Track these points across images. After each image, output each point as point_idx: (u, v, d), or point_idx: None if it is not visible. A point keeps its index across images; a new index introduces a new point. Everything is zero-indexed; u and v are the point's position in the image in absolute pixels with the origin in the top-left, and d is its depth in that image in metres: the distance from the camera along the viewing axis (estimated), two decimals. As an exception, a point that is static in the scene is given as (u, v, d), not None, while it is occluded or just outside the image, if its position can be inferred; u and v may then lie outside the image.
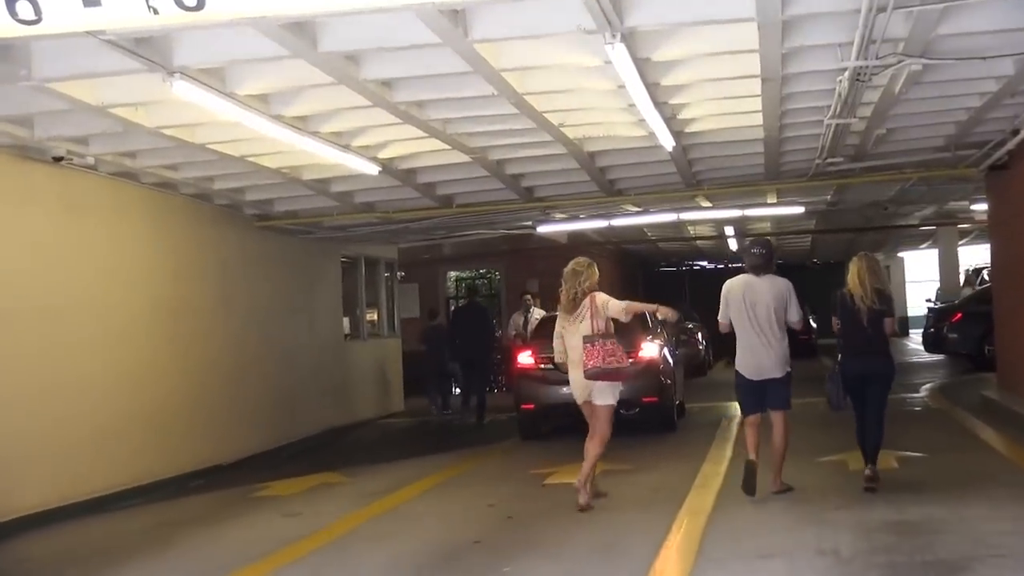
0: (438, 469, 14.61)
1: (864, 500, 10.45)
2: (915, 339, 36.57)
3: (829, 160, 16.07)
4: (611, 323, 11.22)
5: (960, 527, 9.10)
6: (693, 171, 17.18)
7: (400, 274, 25.91)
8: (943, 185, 20.77)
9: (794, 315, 11.13)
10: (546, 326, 17.93)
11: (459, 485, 13.45)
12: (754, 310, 10.96)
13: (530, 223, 22.29)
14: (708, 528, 9.65)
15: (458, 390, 23.30)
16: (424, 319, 24.88)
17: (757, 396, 11.09)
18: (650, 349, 16.54)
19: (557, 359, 11.74)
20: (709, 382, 24.46)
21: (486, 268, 31.86)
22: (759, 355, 10.98)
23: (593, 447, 11.16)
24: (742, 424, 11.69)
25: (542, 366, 16.59)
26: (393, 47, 9.52)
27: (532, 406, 16.77)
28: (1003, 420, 15.55)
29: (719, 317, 11.17)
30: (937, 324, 27.16)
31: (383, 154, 14.25)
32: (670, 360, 17.19)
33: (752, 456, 10.90)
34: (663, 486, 11.85)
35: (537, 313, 21.34)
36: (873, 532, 9.07)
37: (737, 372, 11.17)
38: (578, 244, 30.05)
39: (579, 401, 11.40)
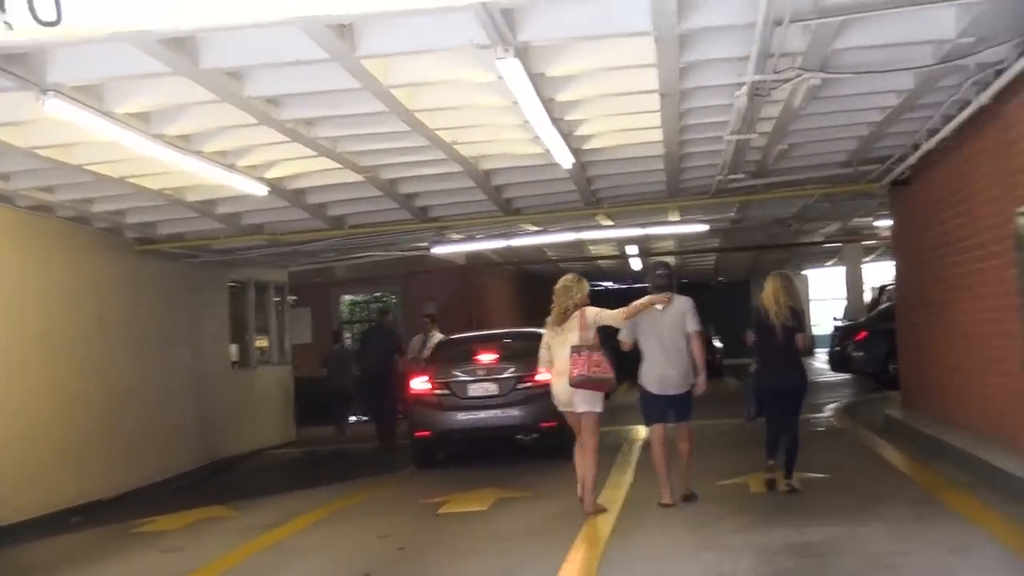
0: (329, 500, 14.57)
1: (764, 523, 10.63)
2: (821, 358, 37.09)
3: (731, 177, 16.32)
4: (598, 336, 11.85)
5: (859, 548, 9.30)
6: (592, 189, 17.35)
7: (291, 298, 25.78)
8: (847, 201, 21.13)
9: (692, 325, 11.92)
10: (444, 350, 18.05)
11: (350, 516, 13.42)
12: (659, 328, 11.84)
13: (425, 244, 22.33)
14: (605, 555, 9.76)
15: (363, 416, 23.33)
16: (327, 343, 24.92)
17: (661, 408, 11.93)
18: (546, 373, 16.59)
19: (541, 369, 12.52)
20: (611, 405, 24.60)
21: (381, 291, 31.80)
22: (664, 370, 11.85)
23: (586, 460, 11.74)
24: (650, 440, 12.33)
25: (438, 392, 16.63)
26: (278, 63, 9.55)
27: (428, 433, 16.79)
28: (906, 439, 15.88)
29: (621, 336, 12.08)
30: (842, 342, 27.65)
31: (271, 174, 14.21)
32: (570, 384, 17.31)
33: (662, 470, 11.91)
34: (561, 513, 11.92)
35: (436, 336, 21.35)
36: (772, 555, 9.24)
37: (641, 387, 12.00)
38: (476, 265, 30.23)
39: (562, 409, 12.02)
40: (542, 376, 16.06)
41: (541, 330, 17.89)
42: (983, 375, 13.44)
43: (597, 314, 11.85)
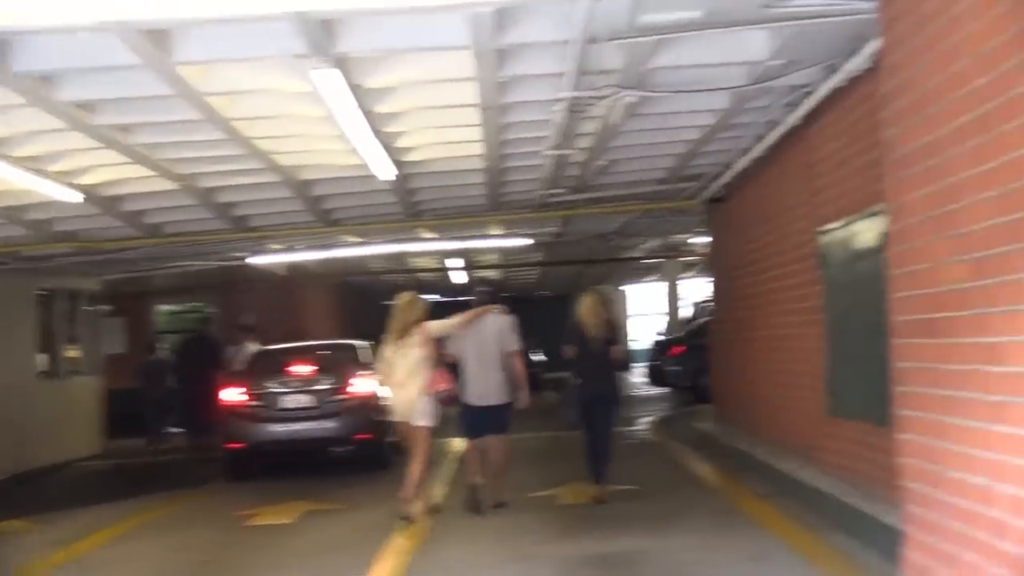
0: (135, 513, 14.41)
1: (571, 534, 10.90)
2: (640, 372, 37.69)
3: (552, 191, 16.64)
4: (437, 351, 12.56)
5: (661, 558, 9.62)
6: (413, 201, 17.47)
7: (104, 308, 25.36)
8: (666, 218, 21.55)
9: (511, 344, 12.81)
10: (259, 361, 17.98)
11: (156, 529, 13.30)
12: (480, 343, 12.65)
13: (244, 254, 22.21)
14: (411, 567, 9.91)
15: (180, 428, 23.07)
16: (143, 353, 24.58)
17: (481, 421, 12.65)
18: (363, 384, 16.75)
19: (380, 381, 12.90)
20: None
21: (200, 301, 31.44)
22: (483, 384, 12.63)
23: (417, 467, 12.27)
24: (467, 451, 13.00)
25: (252, 403, 16.60)
26: (92, 68, 9.49)
27: (240, 445, 16.73)
28: (715, 452, 16.34)
29: (448, 351, 12.77)
30: (660, 357, 28.22)
31: (84, 180, 14.01)
32: (384, 395, 17.36)
33: (478, 479, 12.49)
34: (371, 525, 12.02)
35: (252, 347, 21.21)
36: (577, 566, 9.50)
37: (462, 400, 12.68)
38: (297, 276, 30.04)
39: (399, 419, 12.49)
40: (357, 388, 16.29)
41: (358, 342, 18.18)
42: (786, 390, 13.90)
43: (439, 326, 12.59)
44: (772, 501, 11.92)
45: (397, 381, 12.37)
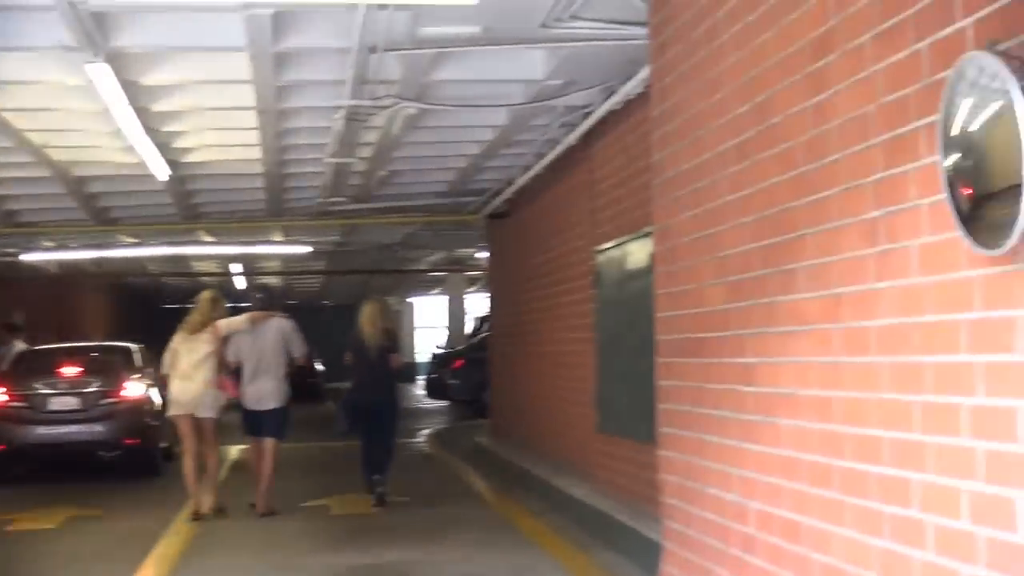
0: None
1: (339, 545, 10.82)
2: (421, 384, 37.72)
3: (333, 199, 16.57)
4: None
5: (430, 570, 9.61)
6: (192, 203, 17.22)
7: None
8: (450, 231, 21.72)
9: (297, 350, 13.04)
10: (26, 361, 17.44)
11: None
12: (260, 347, 12.75)
13: (14, 250, 21.57)
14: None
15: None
16: None
17: (256, 423, 12.80)
18: (134, 388, 16.42)
19: (163, 372, 12.95)
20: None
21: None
22: (260, 387, 12.72)
23: (212, 459, 12.76)
24: (250, 451, 13.26)
25: (15, 404, 16.08)
26: None
27: (3, 447, 16.18)
28: (491, 467, 16.43)
29: (228, 356, 12.81)
30: (440, 370, 28.24)
31: None
32: (157, 400, 17.02)
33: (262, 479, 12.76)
34: (134, 534, 11.73)
35: (19, 346, 20.56)
36: (341, 576, 9.44)
37: (241, 402, 12.82)
38: (71, 274, 29.30)
39: (178, 412, 12.67)
40: (129, 392, 15.94)
41: (130, 344, 17.79)
42: (563, 405, 14.05)
43: (227, 324, 12.79)
44: (544, 517, 12.01)
45: (182, 372, 12.58)
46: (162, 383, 13.59)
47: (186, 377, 12.58)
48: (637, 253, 10.76)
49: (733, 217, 6.38)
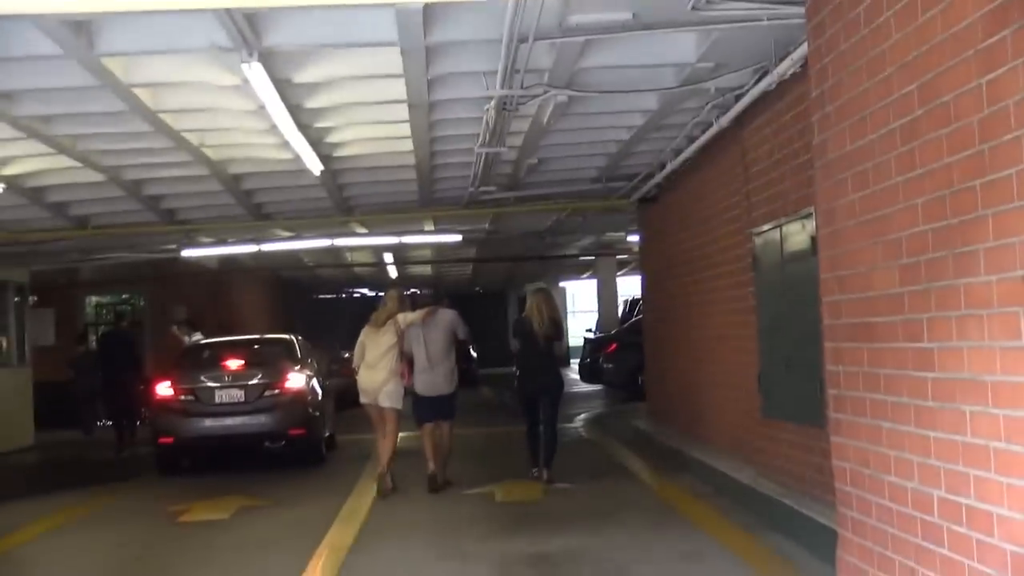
0: (66, 507, 14.10)
1: (505, 532, 10.77)
2: (575, 369, 37.61)
3: (483, 189, 16.51)
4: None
5: (595, 557, 9.52)
6: (344, 196, 17.32)
7: (33, 299, 24.94)
8: (599, 216, 21.57)
9: (462, 333, 14.09)
10: (191, 355, 17.75)
11: (87, 524, 13.03)
12: (431, 338, 13.65)
13: (174, 246, 21.94)
14: (346, 564, 9.73)
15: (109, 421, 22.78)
16: (72, 345, 24.26)
17: (431, 409, 13.68)
18: (297, 379, 16.60)
19: (355, 365, 13.83)
20: (364, 413, 24.62)
21: (129, 293, 31.06)
22: (434, 375, 13.65)
23: (387, 444, 13.43)
24: (424, 437, 13.82)
25: (182, 397, 16.33)
26: (10, 58, 9.22)
27: (171, 439, 16.46)
28: (650, 451, 16.27)
29: (405, 348, 13.64)
30: (593, 354, 28.11)
31: (7, 171, 13.77)
32: (319, 391, 17.22)
33: (432, 466, 13.50)
34: (304, 521, 11.87)
35: (190, 340, 20.96)
36: (512, 565, 9.38)
37: (415, 390, 13.73)
38: (230, 269, 29.79)
39: (366, 401, 13.64)
40: (292, 383, 16.17)
41: (291, 336, 18.03)
42: (723, 390, 13.86)
43: (406, 319, 13.65)
44: (708, 501, 11.87)
45: (368, 363, 13.51)
46: (353, 374, 14.20)
47: (371, 367, 13.46)
48: (797, 235, 10.52)
49: (903, 198, 6.14)
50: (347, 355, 28.32)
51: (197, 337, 20.87)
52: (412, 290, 14.36)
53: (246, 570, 10.03)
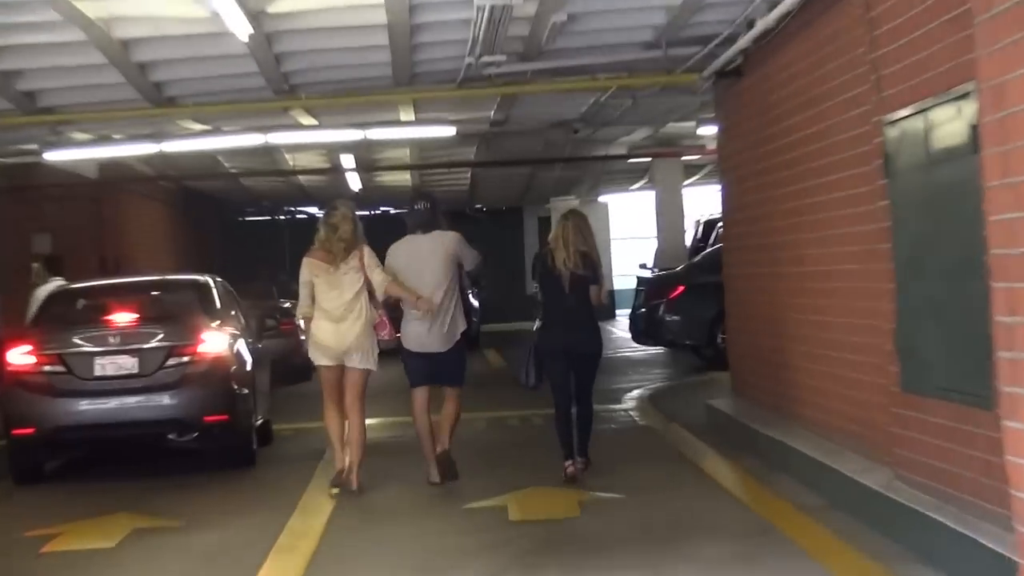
0: None
1: (526, 567, 10.80)
2: (622, 323, 37.65)
3: (487, 59, 16.49)
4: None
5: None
6: (284, 72, 17.30)
7: None
8: (657, 98, 21.52)
9: (469, 262, 14.70)
10: (57, 305, 17.71)
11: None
12: (421, 277, 14.30)
13: (35, 147, 21.98)
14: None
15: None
16: None
17: (425, 370, 14.52)
18: (215, 341, 16.54)
19: (301, 313, 14.60)
20: (312, 389, 24.46)
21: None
22: (424, 326, 14.35)
23: (356, 425, 14.26)
24: (415, 414, 14.64)
25: (47, 368, 16.31)
26: None
27: (31, 430, 16.42)
28: (735, 442, 16.30)
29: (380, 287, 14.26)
30: (650, 302, 27.97)
31: None
32: (247, 358, 17.19)
33: (435, 448, 14.35)
34: (227, 551, 11.98)
35: (49, 285, 20.95)
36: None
37: (401, 345, 14.49)
38: (116, 180, 29.81)
39: (326, 362, 14.34)
40: (208, 347, 16.11)
41: (205, 278, 17.99)
42: (838, 352, 13.85)
43: (371, 265, 14.23)
44: (823, 517, 11.88)
45: (329, 313, 14.13)
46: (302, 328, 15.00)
47: (337, 319, 14.12)
48: (950, 123, 10.48)
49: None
50: (287, 304, 28.62)
51: (56, 283, 20.73)
52: (418, 205, 14.83)
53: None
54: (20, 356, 16.51)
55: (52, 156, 22.59)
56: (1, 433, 17.06)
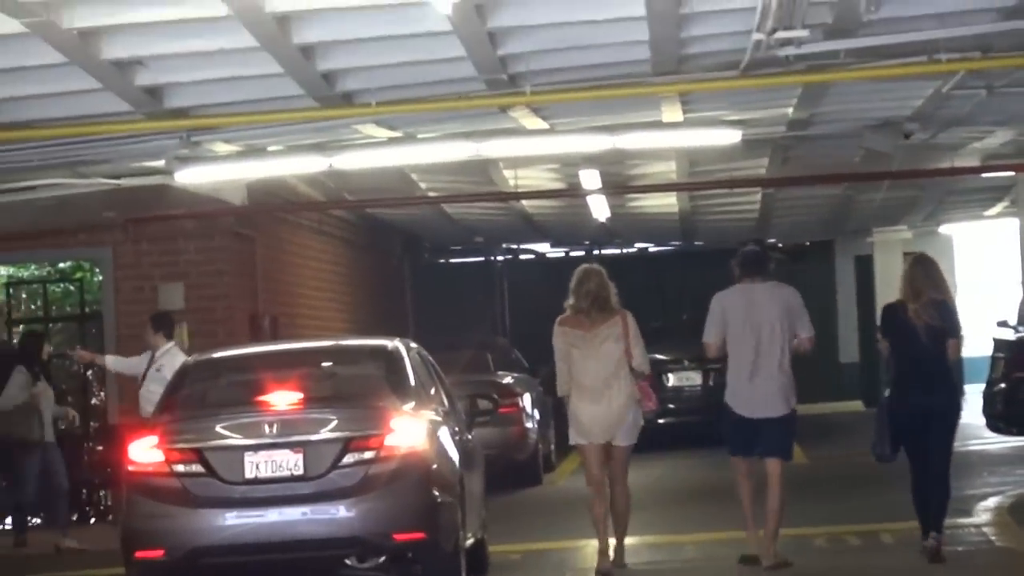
0: None
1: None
2: (974, 402, 37.30)
3: (783, 35, 16.48)
4: None
5: None
6: (501, 55, 17.39)
7: None
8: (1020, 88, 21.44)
9: (805, 330, 16.54)
10: (193, 382, 17.95)
11: None
12: (758, 331, 16.14)
13: (162, 163, 22.29)
14: None
15: None
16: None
17: (748, 436, 16.56)
18: (409, 430, 16.57)
19: (561, 391, 15.78)
20: (546, 497, 24.46)
21: (72, 258, 31.60)
22: (759, 384, 16.21)
23: (624, 498, 16.07)
24: (740, 482, 16.64)
25: (181, 468, 16.49)
26: None
27: (160, 552, 16.61)
28: None
29: (708, 338, 16.15)
30: (1012, 374, 27.75)
31: None
32: (453, 454, 17.29)
33: (750, 528, 16.35)
34: None
35: (177, 356, 21.25)
36: None
37: (727, 406, 16.47)
38: (268, 206, 30.13)
39: (589, 440, 15.94)
40: (398, 438, 16.15)
41: (395, 343, 18.15)
42: None
43: (636, 334, 15.71)
44: None
45: (589, 386, 15.44)
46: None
47: (596, 392, 15.52)
48: None
49: None
50: (507, 378, 28.75)
51: (168, 347, 20.99)
52: (749, 247, 16.57)
53: None
54: (144, 452, 16.67)
55: (185, 176, 22.86)
56: (121, 557, 17.26)
